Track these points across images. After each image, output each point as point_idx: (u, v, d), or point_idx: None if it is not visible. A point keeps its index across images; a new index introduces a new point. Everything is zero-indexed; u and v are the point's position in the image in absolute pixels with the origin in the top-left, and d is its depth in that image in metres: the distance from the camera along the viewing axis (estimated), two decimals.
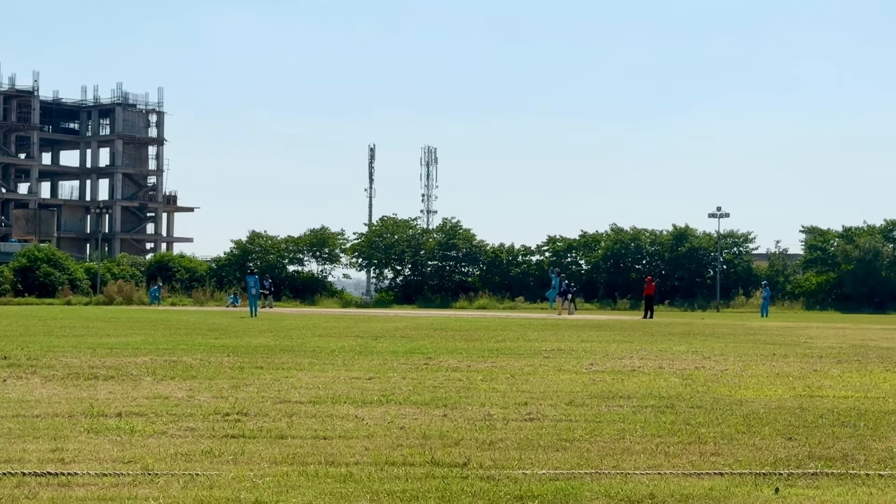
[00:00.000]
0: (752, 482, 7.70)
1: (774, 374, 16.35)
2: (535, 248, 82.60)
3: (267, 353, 19.51)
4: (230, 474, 7.74)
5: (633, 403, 12.19)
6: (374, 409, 11.50)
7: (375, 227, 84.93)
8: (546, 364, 17.78)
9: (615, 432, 9.94)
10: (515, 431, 9.93)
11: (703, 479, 7.77)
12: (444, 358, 18.81)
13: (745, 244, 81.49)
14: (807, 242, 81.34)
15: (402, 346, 22.11)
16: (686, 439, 9.59)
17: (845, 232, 79.77)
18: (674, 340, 26.34)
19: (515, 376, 15.42)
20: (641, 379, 15.27)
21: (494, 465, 8.21)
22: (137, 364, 16.77)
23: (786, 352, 22.04)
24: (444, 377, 15.16)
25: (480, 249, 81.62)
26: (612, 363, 18.19)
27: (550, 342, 24.50)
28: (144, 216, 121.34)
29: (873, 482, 7.74)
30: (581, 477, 7.81)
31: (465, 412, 11.27)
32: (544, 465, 8.27)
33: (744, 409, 11.73)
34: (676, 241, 79.92)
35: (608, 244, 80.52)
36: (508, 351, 21.15)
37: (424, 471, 7.97)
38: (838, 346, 24.40)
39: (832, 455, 8.83)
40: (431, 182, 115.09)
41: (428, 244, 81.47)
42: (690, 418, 10.96)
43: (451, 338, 26.06)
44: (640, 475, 7.88)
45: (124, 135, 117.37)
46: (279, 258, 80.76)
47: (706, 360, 19.34)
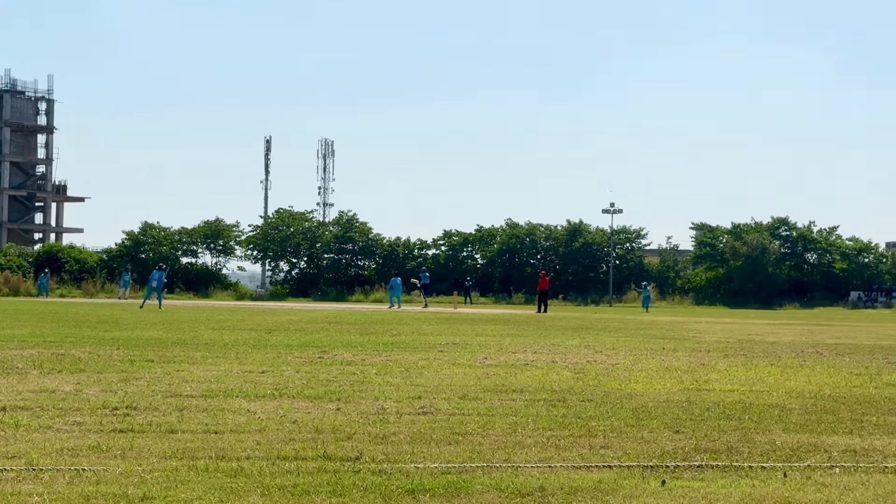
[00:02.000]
0: (639, 474, 7.84)
1: (663, 368, 16.65)
2: (432, 242, 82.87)
3: (158, 347, 19.23)
4: (118, 469, 7.62)
5: (525, 397, 12.31)
6: (267, 402, 11.42)
7: (271, 220, 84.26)
8: (440, 358, 17.85)
9: (507, 426, 10.03)
10: (408, 425, 9.95)
11: (592, 472, 7.88)
12: (338, 351, 18.76)
13: (637, 240, 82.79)
14: (697, 238, 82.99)
15: (296, 340, 21.99)
16: (576, 432, 9.71)
17: (734, 228, 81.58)
18: (567, 335, 26.66)
19: (410, 370, 15.45)
20: (534, 373, 15.42)
21: (387, 459, 8.22)
22: (24, 357, 16.39)
23: (675, 346, 22.46)
24: (338, 371, 15.12)
25: (377, 243, 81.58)
26: (505, 357, 18.34)
27: (445, 336, 24.60)
28: (32, 206, 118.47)
29: (756, 474, 7.94)
30: (473, 470, 7.86)
31: (358, 406, 11.26)
32: (436, 458, 8.30)
33: (633, 403, 11.93)
34: (570, 237, 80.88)
35: (503, 239, 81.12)
36: (403, 345, 21.18)
37: (316, 465, 7.94)
38: (725, 341, 24.95)
39: (717, 447, 9.03)
40: (328, 175, 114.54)
41: (324, 237, 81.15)
42: (581, 412, 11.11)
43: (346, 331, 26.00)
44: (531, 468, 7.96)
45: (12, 122, 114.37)
46: (172, 250, 79.60)
47: (598, 354, 19.61)
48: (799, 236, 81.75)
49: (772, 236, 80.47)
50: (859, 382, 14.93)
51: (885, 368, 17.52)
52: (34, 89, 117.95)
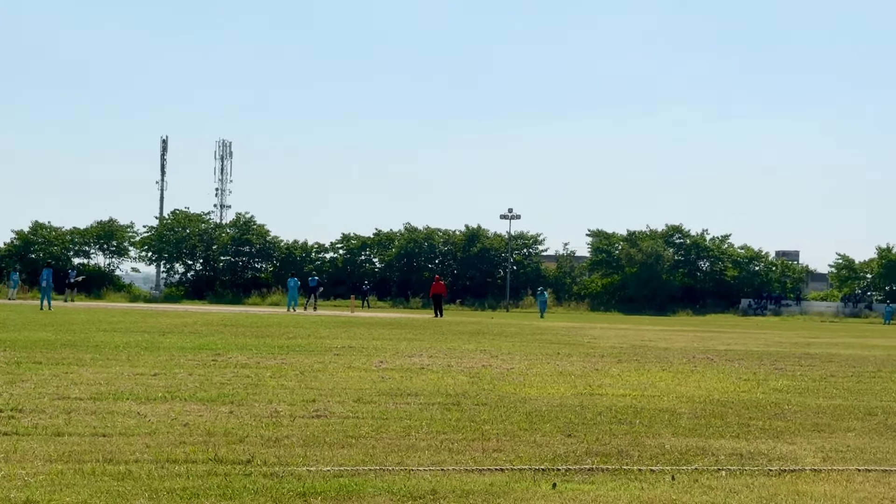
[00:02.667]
0: (531, 478, 7.90)
1: (558, 373, 16.81)
2: (330, 246, 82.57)
3: (47, 348, 18.80)
4: (0, 473, 7.43)
5: (420, 401, 12.32)
6: (158, 405, 11.25)
7: (166, 221, 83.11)
8: (336, 361, 17.77)
9: (401, 429, 10.02)
10: (302, 428, 9.89)
11: (485, 475, 7.92)
12: (232, 354, 18.57)
13: (534, 246, 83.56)
14: (593, 245, 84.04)
15: (190, 342, 21.69)
16: (470, 436, 9.75)
17: (629, 236, 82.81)
18: (463, 339, 26.76)
19: (304, 373, 15.35)
20: (429, 377, 15.44)
21: (279, 462, 8.15)
22: None
23: (570, 351, 22.69)
24: (231, 374, 14.96)
25: (274, 245, 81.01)
26: (401, 361, 18.33)
27: (342, 339, 24.51)
28: None
29: (645, 477, 8.06)
30: (365, 473, 7.84)
31: (251, 409, 11.15)
32: (329, 461, 8.26)
33: (527, 407, 12.02)
34: (469, 242, 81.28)
35: (402, 243, 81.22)
36: (299, 348, 21.04)
37: (207, 468, 7.84)
38: (619, 347, 25.29)
39: (608, 451, 9.14)
40: (225, 176, 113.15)
41: (220, 239, 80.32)
42: (475, 415, 11.16)
43: (241, 334, 25.74)
44: (424, 471, 7.97)
45: None
46: (64, 250, 78.01)
47: (493, 358, 19.72)
48: (692, 244, 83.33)
49: (666, 244, 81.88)
50: (747, 388, 15.25)
51: (773, 374, 17.93)
52: None
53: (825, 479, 8.16)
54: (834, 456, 9.24)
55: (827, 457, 9.18)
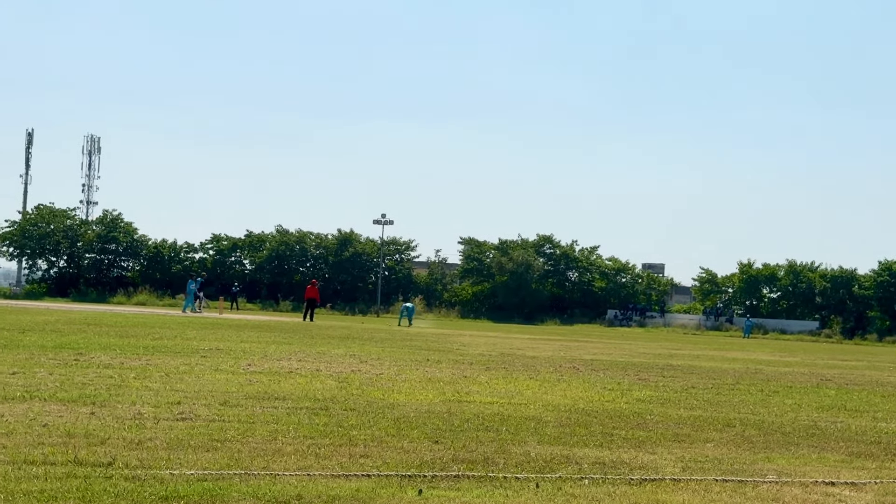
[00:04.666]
0: (397, 484, 7.90)
1: (427, 380, 16.86)
2: (199, 246, 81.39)
3: None
4: None
5: (287, 405, 12.22)
6: (16, 405, 10.94)
7: (30, 216, 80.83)
8: (203, 363, 17.52)
9: (268, 433, 9.93)
10: (166, 431, 9.72)
11: (351, 481, 7.90)
12: (96, 354, 18.15)
13: (406, 252, 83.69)
14: (465, 253, 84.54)
15: (51, 341, 21.13)
16: (337, 441, 9.71)
17: (501, 244, 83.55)
18: (333, 343, 26.65)
19: (170, 375, 15.10)
20: (298, 381, 15.33)
21: (141, 465, 8.00)
22: None
23: (439, 358, 22.79)
24: (94, 374, 14.62)
25: (142, 244, 79.51)
26: (270, 364, 18.17)
27: (209, 341, 24.16)
28: None
29: (510, 484, 8.13)
30: (230, 477, 7.74)
31: (114, 410, 10.92)
32: (193, 465, 8.14)
33: (395, 413, 12.03)
34: (341, 246, 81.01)
35: (273, 245, 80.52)
36: (165, 349, 20.67)
37: (66, 470, 7.65)
38: (488, 354, 25.50)
39: (475, 458, 9.20)
40: (93, 172, 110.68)
41: (86, 236, 78.48)
42: (343, 420, 11.12)
43: (105, 333, 25.18)
44: (290, 476, 7.91)
45: None
46: None
47: (363, 363, 19.68)
48: (562, 254, 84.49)
49: (536, 253, 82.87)
50: (611, 397, 15.52)
51: (636, 385, 18.28)
52: None
53: (684, 488, 8.35)
54: (693, 466, 9.46)
55: (686, 467, 9.40)
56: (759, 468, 9.55)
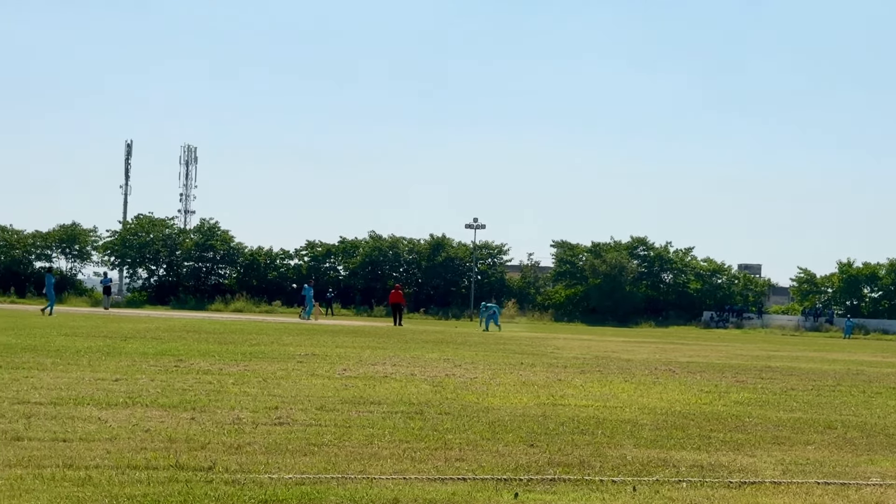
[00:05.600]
0: (493, 487, 7.91)
1: (521, 383, 16.83)
2: (294, 253, 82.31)
3: (6, 352, 18.64)
4: None
5: (383, 409, 12.31)
6: (119, 411, 11.18)
7: (130, 226, 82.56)
8: (299, 368, 17.73)
9: (364, 437, 10.01)
10: (264, 435, 9.85)
11: (447, 484, 7.92)
12: (195, 360, 18.47)
13: (499, 255, 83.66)
14: (557, 256, 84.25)
15: (152, 348, 21.56)
16: (433, 445, 9.75)
17: (594, 247, 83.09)
18: (427, 348, 26.75)
19: (267, 380, 15.30)
20: (393, 385, 15.42)
21: (241, 469, 8.12)
22: None
23: (533, 361, 22.74)
24: (194, 380, 14.88)
25: (238, 251, 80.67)
26: (364, 369, 18.31)
27: (305, 347, 24.43)
28: None
29: (607, 487, 8.09)
30: (327, 481, 7.82)
31: (213, 415, 11.10)
32: (291, 469, 8.24)
33: (490, 416, 12.03)
34: (433, 251, 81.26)
35: (366, 251, 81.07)
36: (262, 354, 20.96)
37: (168, 474, 7.80)
38: (582, 357, 25.38)
39: (570, 461, 9.16)
40: (190, 181, 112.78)
41: (184, 244, 79.89)
42: (438, 424, 11.16)
43: (203, 340, 25.61)
44: (386, 480, 7.96)
45: None
46: (25, 254, 77.33)
47: (457, 367, 19.73)
48: (656, 256, 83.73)
49: (630, 256, 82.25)
50: (708, 400, 15.34)
51: (734, 387, 18.04)
52: None
53: (785, 491, 8.22)
54: (794, 469, 9.31)
55: (787, 470, 9.25)
56: (862, 471, 9.37)
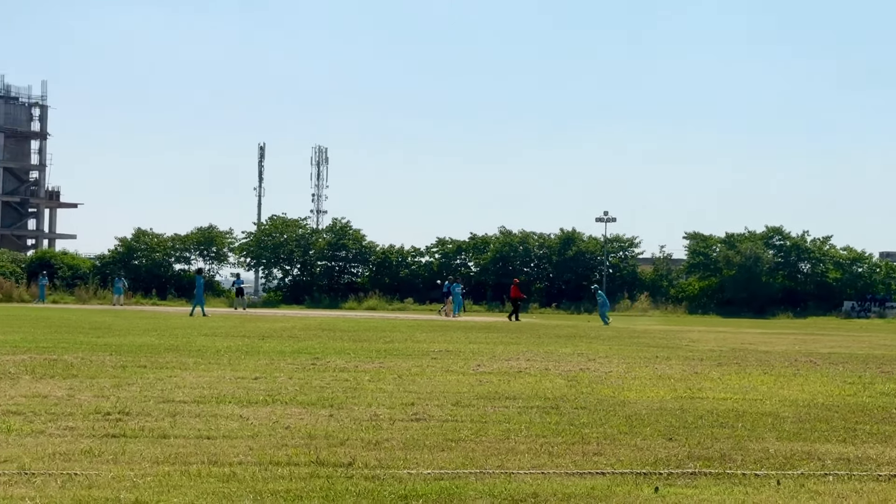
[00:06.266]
0: (632, 481, 7.83)
1: (657, 376, 16.64)
2: (425, 250, 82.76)
3: (151, 352, 19.19)
4: (110, 474, 7.60)
5: (518, 404, 12.30)
6: (260, 408, 11.40)
7: (264, 227, 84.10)
8: (433, 365, 17.83)
9: (500, 432, 10.01)
10: (401, 431, 9.94)
11: (586, 479, 7.87)
12: (331, 358, 18.74)
13: (630, 248, 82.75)
14: (690, 248, 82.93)
15: (289, 346, 21.95)
16: (570, 439, 9.70)
17: (727, 238, 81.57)
18: (560, 342, 26.65)
19: (403, 377, 15.43)
20: (527, 380, 15.40)
21: (379, 465, 8.20)
22: (15, 362, 16.36)
23: (668, 354, 22.46)
24: (331, 377, 15.10)
25: (370, 250, 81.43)
26: (498, 364, 18.32)
27: (438, 343, 24.57)
28: (26, 212, 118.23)
29: (749, 482, 7.93)
30: (465, 476, 7.84)
31: (351, 412, 11.24)
32: (429, 464, 8.29)
33: (626, 410, 11.92)
34: (564, 245, 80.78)
35: (497, 246, 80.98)
36: (396, 352, 21.15)
37: (309, 470, 7.93)
38: (719, 350, 24.95)
39: (710, 455, 9.02)
40: (321, 182, 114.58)
41: (317, 244, 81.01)
42: (574, 419, 11.10)
43: (339, 338, 25.96)
44: (524, 475, 7.95)
45: (6, 128, 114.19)
46: (165, 256, 79.46)
47: (591, 361, 19.60)
48: (793, 246, 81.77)
49: (765, 245, 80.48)
50: (853, 391, 14.93)
51: (879, 377, 17.52)
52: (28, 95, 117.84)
53: None
54: None
55: None
56: None
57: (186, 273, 79.28)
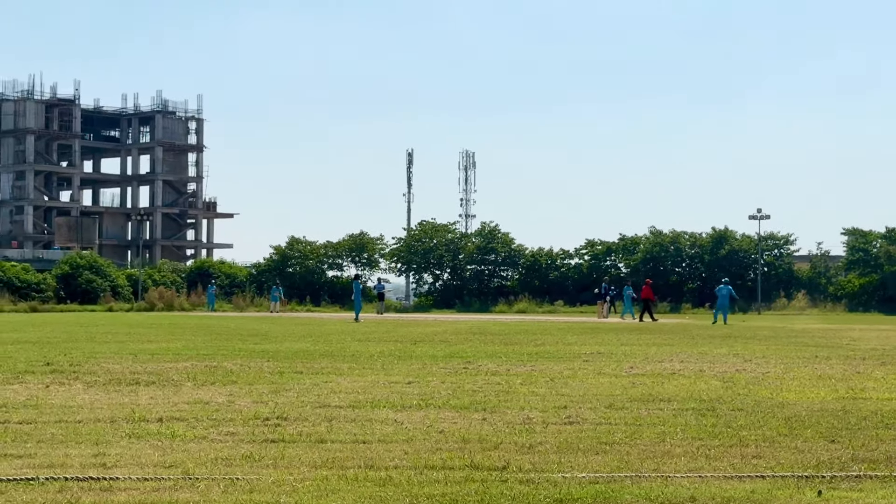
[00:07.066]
0: (794, 485, 7.64)
1: (817, 377, 16.21)
2: (574, 252, 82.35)
3: (306, 358, 19.57)
4: (270, 478, 7.77)
5: (673, 406, 12.12)
6: (414, 413, 11.50)
7: (414, 232, 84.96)
8: (585, 367, 17.72)
9: (655, 435, 9.89)
10: (555, 435, 9.90)
11: (745, 482, 7.71)
12: (483, 362, 18.80)
13: (785, 246, 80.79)
14: (848, 244, 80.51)
15: (441, 351, 22.10)
16: (727, 442, 9.52)
17: (888, 233, 78.91)
18: (714, 343, 26.19)
19: (555, 380, 15.38)
20: (681, 382, 15.18)
21: (534, 469, 8.18)
22: (178, 369, 16.87)
23: (828, 354, 21.85)
24: (483, 381, 15.14)
25: (519, 253, 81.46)
26: (651, 366, 18.10)
27: (590, 345, 24.42)
28: (184, 223, 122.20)
29: None
30: (621, 480, 7.77)
31: (504, 416, 11.25)
32: (584, 468, 8.23)
33: (785, 412, 11.64)
34: (716, 244, 79.36)
35: (647, 247, 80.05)
36: (547, 355, 21.10)
37: (464, 474, 7.96)
38: (881, 348, 24.16)
39: (876, 457, 8.74)
40: (469, 186, 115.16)
41: (466, 248, 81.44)
42: (731, 421, 10.89)
43: (490, 342, 26.03)
44: (681, 478, 7.83)
45: (164, 142, 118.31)
46: (318, 263, 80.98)
47: (747, 362, 19.20)
48: None
49: None
50: None
51: None
52: (184, 109, 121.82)
53: None
54: None
55: None
56: None
57: (339, 279, 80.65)
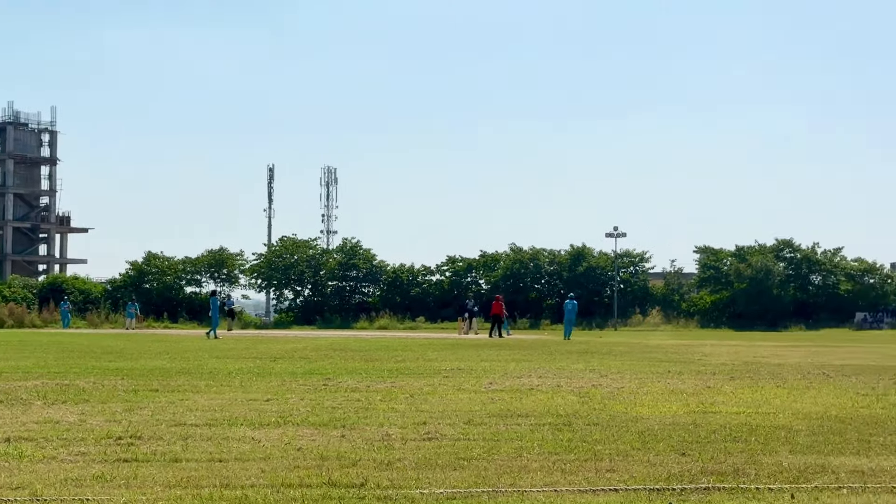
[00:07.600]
0: (646, 498, 7.80)
1: (669, 391, 16.59)
2: (436, 268, 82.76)
3: (162, 376, 19.20)
4: (122, 499, 7.59)
5: (530, 422, 12.26)
6: (272, 430, 11.39)
7: (275, 248, 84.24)
8: (445, 383, 17.80)
9: (513, 450, 9.98)
10: (413, 451, 9.91)
11: (599, 496, 7.84)
12: (343, 379, 18.72)
13: (640, 263, 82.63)
14: (700, 262, 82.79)
15: (300, 368, 21.94)
16: (582, 456, 9.67)
17: (738, 251, 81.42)
18: (571, 359, 26.60)
19: (414, 396, 15.41)
20: (539, 397, 15.37)
21: (392, 485, 8.18)
22: (27, 388, 16.37)
23: (680, 369, 22.39)
24: (342, 398, 15.08)
25: (380, 269, 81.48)
26: (510, 382, 18.29)
27: (450, 362, 24.55)
28: (37, 237, 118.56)
29: (763, 496, 7.89)
30: (478, 495, 7.82)
31: (363, 433, 11.22)
32: (442, 484, 8.26)
33: (639, 426, 11.88)
34: (574, 261, 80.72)
35: (507, 264, 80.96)
36: (408, 371, 21.13)
37: (321, 492, 7.91)
38: (731, 364, 24.88)
39: (724, 470, 8.98)
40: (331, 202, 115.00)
41: (328, 264, 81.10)
42: (587, 435, 11.07)
43: (350, 358, 25.95)
44: (537, 493, 7.92)
45: (15, 154, 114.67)
46: (176, 279, 79.58)
47: (603, 378, 19.55)
48: (803, 258, 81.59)
49: (776, 258, 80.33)
50: (866, 403, 14.87)
51: (892, 388, 17.45)
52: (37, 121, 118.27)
53: None
54: None
55: None
56: None
57: (198, 296, 79.38)
